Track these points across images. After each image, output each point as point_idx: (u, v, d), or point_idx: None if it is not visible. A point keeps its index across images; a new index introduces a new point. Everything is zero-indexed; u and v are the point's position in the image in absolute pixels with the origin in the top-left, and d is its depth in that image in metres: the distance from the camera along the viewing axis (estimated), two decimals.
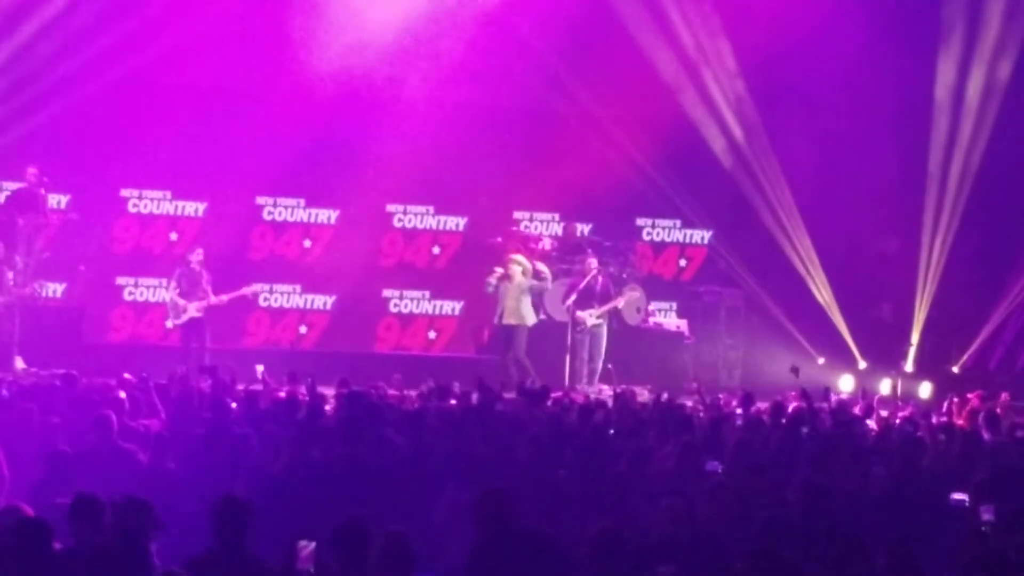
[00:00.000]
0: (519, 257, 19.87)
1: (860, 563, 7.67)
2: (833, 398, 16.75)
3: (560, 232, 23.06)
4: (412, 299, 23.71)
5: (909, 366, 22.10)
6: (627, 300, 20.49)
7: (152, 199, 22.92)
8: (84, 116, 21.64)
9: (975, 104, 22.51)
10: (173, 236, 22.87)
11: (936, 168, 22.75)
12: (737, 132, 23.09)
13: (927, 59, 22.67)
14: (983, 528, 8.59)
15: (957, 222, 22.73)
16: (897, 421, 14.95)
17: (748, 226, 23.35)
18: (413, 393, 15.67)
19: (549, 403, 14.68)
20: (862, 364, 22.32)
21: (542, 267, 19.84)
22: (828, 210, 22.96)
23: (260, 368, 15.69)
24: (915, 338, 22.68)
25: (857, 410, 15.57)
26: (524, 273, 19.58)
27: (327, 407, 13.65)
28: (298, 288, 23.33)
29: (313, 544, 6.91)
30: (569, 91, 22.64)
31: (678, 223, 24.34)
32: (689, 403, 15.85)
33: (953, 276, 22.82)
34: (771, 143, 22.87)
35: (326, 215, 23.43)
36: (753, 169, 23.00)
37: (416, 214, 23.74)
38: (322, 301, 23.42)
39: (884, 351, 22.41)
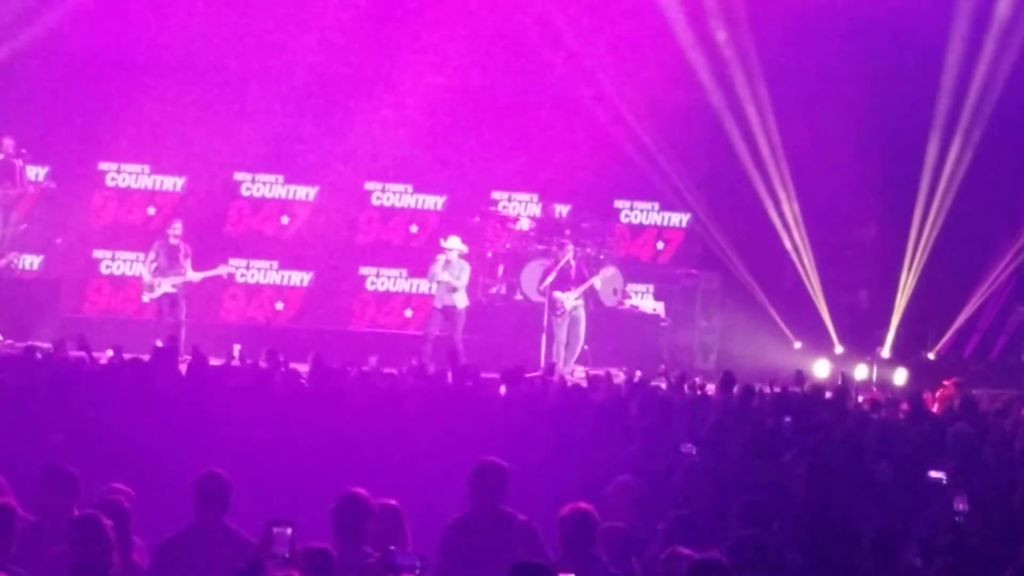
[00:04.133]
0: (453, 240, 19.77)
1: (844, 549, 7.69)
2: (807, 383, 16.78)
3: (538, 213, 23.01)
4: (389, 277, 23.67)
5: (886, 352, 22.13)
6: (602, 278, 20.45)
7: (130, 173, 22.83)
8: (63, 89, 21.59)
9: (974, 98, 22.45)
10: (151, 210, 22.78)
11: (932, 158, 22.68)
12: (726, 109, 22.94)
13: (930, 53, 22.51)
14: (956, 519, 8.56)
15: (945, 213, 22.70)
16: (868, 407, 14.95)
17: (734, 206, 23.28)
18: (392, 371, 15.62)
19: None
20: (839, 349, 22.33)
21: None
22: (818, 193, 22.92)
23: (237, 348, 15.66)
24: (894, 324, 22.70)
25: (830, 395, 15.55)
26: (460, 255, 19.53)
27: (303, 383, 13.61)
28: (275, 264, 23.26)
29: (290, 528, 6.85)
30: (548, 72, 22.60)
31: (656, 205, 24.31)
32: (663, 385, 15.85)
33: (935, 265, 22.83)
34: (767, 123, 22.73)
35: (304, 192, 23.36)
36: (743, 148, 22.84)
37: (394, 192, 23.69)
38: (299, 278, 23.36)
39: (861, 336, 22.42)
